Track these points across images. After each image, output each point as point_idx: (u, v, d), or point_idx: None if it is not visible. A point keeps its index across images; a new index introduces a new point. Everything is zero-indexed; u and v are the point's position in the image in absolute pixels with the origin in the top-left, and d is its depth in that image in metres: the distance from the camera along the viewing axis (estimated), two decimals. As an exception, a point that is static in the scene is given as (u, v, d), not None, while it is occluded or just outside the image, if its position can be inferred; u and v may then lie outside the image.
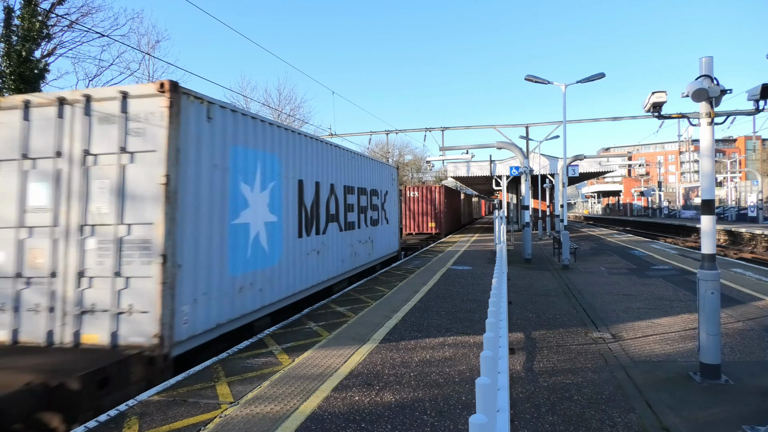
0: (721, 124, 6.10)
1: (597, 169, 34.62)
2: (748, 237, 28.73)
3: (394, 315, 9.02)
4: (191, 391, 5.45)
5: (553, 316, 9.01)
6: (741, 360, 6.45)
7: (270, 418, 4.72)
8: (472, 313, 9.11)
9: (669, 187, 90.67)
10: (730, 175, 55.22)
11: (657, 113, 6.40)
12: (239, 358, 6.62)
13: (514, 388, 5.48)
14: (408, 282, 12.96)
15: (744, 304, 9.60)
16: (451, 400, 5.10)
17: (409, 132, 37.37)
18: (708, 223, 5.89)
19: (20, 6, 18.58)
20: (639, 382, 5.70)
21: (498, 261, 6.08)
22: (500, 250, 8.33)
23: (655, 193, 63.31)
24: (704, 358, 5.76)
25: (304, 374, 5.93)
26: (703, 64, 5.71)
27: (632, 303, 10.11)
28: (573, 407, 5.01)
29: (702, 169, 5.99)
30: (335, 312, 9.40)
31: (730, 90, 5.73)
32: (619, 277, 13.64)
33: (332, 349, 6.94)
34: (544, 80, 17.16)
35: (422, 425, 4.56)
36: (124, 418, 4.76)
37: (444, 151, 23.84)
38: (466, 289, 11.77)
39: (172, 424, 4.61)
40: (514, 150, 19.43)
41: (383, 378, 5.79)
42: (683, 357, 6.60)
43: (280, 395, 5.28)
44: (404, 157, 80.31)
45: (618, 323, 8.44)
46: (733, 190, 52.57)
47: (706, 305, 5.75)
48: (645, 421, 4.72)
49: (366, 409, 4.92)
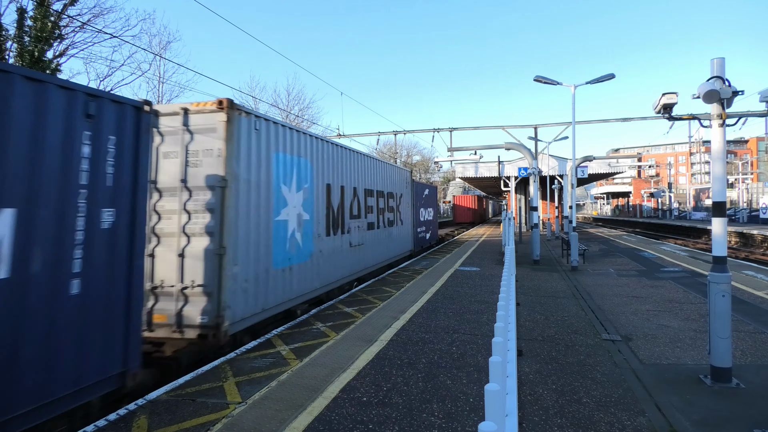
0: (732, 125, 6.04)
1: (606, 170, 34.41)
2: (761, 239, 28.41)
3: (401, 316, 9.01)
4: (199, 390, 5.48)
5: (562, 318, 8.96)
6: (752, 363, 6.38)
7: (278, 418, 4.74)
8: (480, 314, 9.09)
9: (679, 188, 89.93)
10: (742, 176, 54.64)
11: (668, 115, 6.35)
12: (247, 358, 6.65)
13: (523, 390, 5.46)
14: (416, 283, 12.95)
15: (755, 307, 9.50)
16: (459, 402, 5.09)
17: (418, 133, 37.35)
18: (719, 225, 5.83)
19: (33, 7, 18.80)
20: (649, 385, 5.66)
21: (507, 263, 6.06)
22: (509, 251, 8.30)
23: (665, 194, 62.80)
24: (715, 361, 5.71)
25: (312, 375, 5.95)
26: (715, 66, 5.66)
27: (642, 305, 10.04)
28: (582, 410, 4.98)
29: (713, 172, 5.94)
30: (343, 312, 9.41)
31: (742, 91, 5.68)
32: (629, 279, 13.55)
33: (340, 350, 6.95)
34: (554, 81, 17.08)
35: (430, 427, 4.55)
36: (133, 417, 4.80)
37: (452, 151, 23.81)
38: (474, 290, 11.74)
39: (181, 424, 4.64)
40: (523, 151, 19.36)
41: (391, 379, 5.79)
42: (693, 360, 6.54)
43: (287, 395, 5.29)
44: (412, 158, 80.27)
45: (627, 325, 8.38)
46: (745, 191, 52.01)
47: (717, 308, 5.70)
48: (655, 424, 4.68)
49: (374, 411, 4.92)
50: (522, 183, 38.23)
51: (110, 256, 5.17)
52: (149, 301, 7.12)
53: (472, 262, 17.43)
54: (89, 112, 5.03)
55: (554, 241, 28.39)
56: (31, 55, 18.42)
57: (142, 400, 5.21)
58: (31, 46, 18.53)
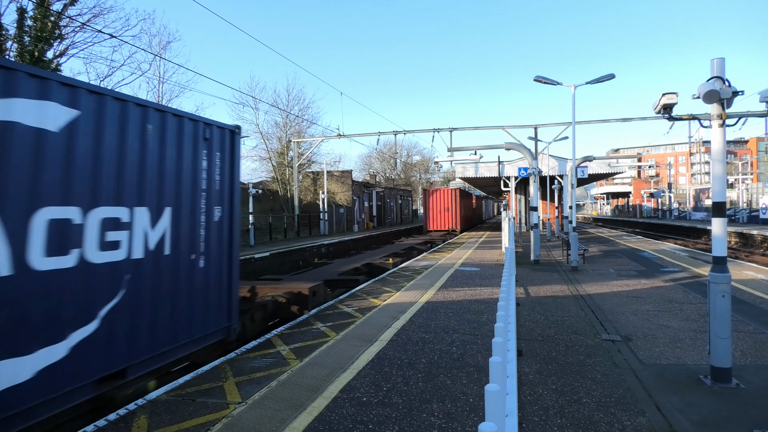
0: (732, 125, 6.04)
1: (606, 170, 34.43)
2: (760, 239, 28.41)
3: (401, 316, 9.01)
4: (199, 390, 5.48)
5: (562, 318, 8.96)
6: (752, 364, 6.38)
7: (278, 418, 4.74)
8: (480, 315, 9.09)
9: (679, 188, 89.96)
10: (742, 176, 54.59)
11: (668, 115, 6.35)
12: (247, 358, 6.66)
13: (522, 390, 5.46)
14: (415, 283, 12.95)
15: (755, 307, 9.50)
16: (459, 402, 5.09)
17: (418, 133, 37.36)
18: (719, 225, 5.83)
19: (33, 7, 18.80)
20: (648, 385, 5.66)
21: (507, 264, 6.06)
22: (508, 251, 8.30)
23: (665, 194, 62.79)
24: (715, 361, 5.71)
25: (312, 375, 5.95)
26: (715, 66, 5.66)
27: (642, 305, 10.04)
28: (582, 410, 4.98)
29: (713, 172, 5.94)
30: (343, 313, 9.41)
31: (742, 91, 5.67)
32: (629, 279, 13.54)
33: (340, 350, 6.95)
34: (554, 81, 17.09)
35: (430, 427, 4.55)
36: (133, 417, 4.80)
37: (452, 152, 23.80)
38: (474, 290, 11.74)
39: (181, 424, 4.64)
40: (523, 151, 19.37)
41: (391, 379, 5.79)
42: (693, 360, 6.54)
43: (288, 395, 5.30)
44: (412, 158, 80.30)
45: (627, 325, 8.38)
46: (745, 191, 51.99)
47: (717, 308, 5.70)
48: (654, 424, 4.68)
49: (374, 410, 4.93)
50: (522, 183, 38.24)
51: (219, 241, 7.15)
52: None
53: (472, 263, 17.31)
54: (206, 136, 6.89)
55: (554, 241, 28.39)
56: (31, 55, 18.43)
57: (142, 400, 5.21)
58: (32, 46, 18.54)
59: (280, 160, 44.88)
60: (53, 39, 19.52)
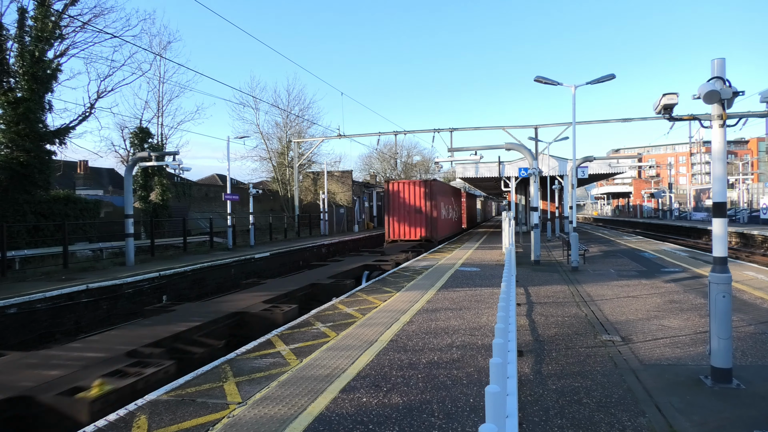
0: (733, 126, 6.03)
1: (607, 170, 34.36)
2: (761, 239, 28.39)
3: (401, 317, 9.01)
4: (200, 391, 5.48)
5: (562, 318, 8.96)
6: (753, 364, 6.37)
7: (278, 418, 4.74)
8: (480, 315, 9.08)
9: (680, 188, 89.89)
10: (742, 176, 54.56)
11: (668, 115, 6.34)
12: (247, 358, 6.65)
13: (523, 391, 5.45)
14: (415, 283, 12.94)
15: (756, 308, 9.49)
16: (459, 403, 5.09)
17: (418, 133, 37.37)
18: (719, 226, 5.83)
19: (34, 7, 18.79)
20: (649, 386, 5.66)
21: (507, 263, 6.06)
22: (509, 252, 8.30)
23: (666, 194, 62.72)
24: (715, 361, 5.70)
25: (312, 375, 5.94)
26: (716, 66, 5.65)
27: (642, 305, 10.03)
28: (582, 411, 4.98)
29: (714, 172, 5.94)
30: (343, 313, 9.41)
31: (743, 92, 5.66)
32: (629, 280, 13.53)
33: (340, 350, 6.94)
34: (554, 81, 17.07)
35: (430, 427, 4.55)
36: (133, 417, 4.80)
37: (452, 152, 23.77)
38: (474, 291, 11.73)
39: (181, 424, 4.64)
40: (523, 151, 19.35)
41: (391, 379, 5.78)
42: (694, 361, 6.53)
43: (288, 396, 5.29)
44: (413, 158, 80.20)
45: (627, 326, 8.37)
46: (745, 191, 51.96)
47: (718, 308, 5.69)
48: (655, 425, 4.67)
49: (373, 411, 4.92)
50: (522, 183, 38.19)
51: None
52: None
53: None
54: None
55: (555, 242, 28.37)
56: (31, 55, 18.42)
57: (142, 401, 5.21)
58: (32, 46, 18.53)
59: (280, 160, 44.90)
60: (54, 39, 19.51)
